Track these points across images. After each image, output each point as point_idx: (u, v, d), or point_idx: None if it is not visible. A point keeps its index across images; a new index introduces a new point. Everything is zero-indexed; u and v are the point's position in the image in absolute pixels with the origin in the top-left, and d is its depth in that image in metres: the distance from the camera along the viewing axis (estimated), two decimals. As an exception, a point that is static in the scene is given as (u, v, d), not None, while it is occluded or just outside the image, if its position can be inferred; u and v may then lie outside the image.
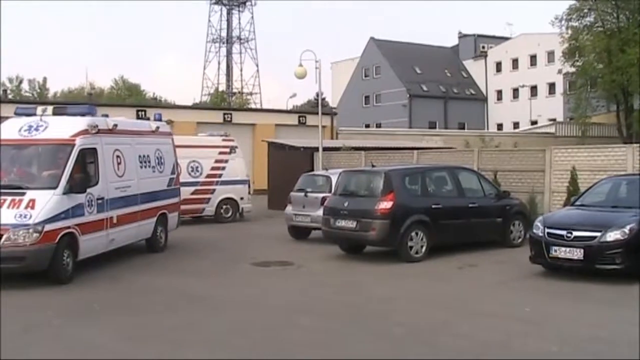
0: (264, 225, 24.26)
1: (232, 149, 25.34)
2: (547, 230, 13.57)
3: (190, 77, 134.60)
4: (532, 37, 75.35)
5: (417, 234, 15.80)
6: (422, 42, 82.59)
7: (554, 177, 21.45)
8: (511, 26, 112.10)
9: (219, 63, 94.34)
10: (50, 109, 14.77)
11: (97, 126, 14.60)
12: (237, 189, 25.13)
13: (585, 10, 47.44)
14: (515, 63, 78.84)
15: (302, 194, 19.52)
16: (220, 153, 24.94)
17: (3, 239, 12.44)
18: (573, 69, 49.94)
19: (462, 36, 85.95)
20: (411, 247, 15.73)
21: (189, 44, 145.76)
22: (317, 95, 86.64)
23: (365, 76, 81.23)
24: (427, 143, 38.50)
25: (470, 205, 16.93)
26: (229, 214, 24.90)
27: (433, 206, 16.16)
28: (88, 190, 13.88)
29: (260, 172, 37.65)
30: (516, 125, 75.13)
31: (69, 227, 13.25)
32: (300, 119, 42.80)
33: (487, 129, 73.98)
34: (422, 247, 15.88)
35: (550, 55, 73.79)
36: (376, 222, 15.56)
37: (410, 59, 78.58)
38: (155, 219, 17.01)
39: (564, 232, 13.24)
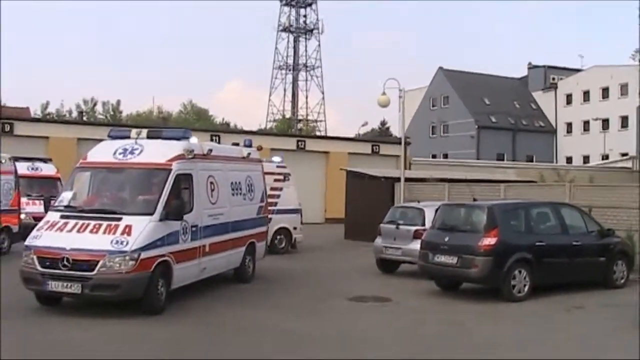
0: (345, 257, 23.52)
1: (286, 176, 24.09)
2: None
3: (254, 103, 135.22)
4: (604, 69, 73.85)
5: (520, 272, 14.98)
6: (490, 73, 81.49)
7: (651, 214, 20.36)
8: (582, 58, 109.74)
9: (284, 90, 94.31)
10: (144, 132, 14.31)
11: (193, 151, 14.12)
12: (291, 218, 24.03)
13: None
14: (586, 95, 77.29)
15: (394, 226, 18.78)
16: (275, 180, 23.46)
17: (99, 265, 11.99)
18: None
19: (531, 67, 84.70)
20: (514, 286, 14.90)
21: (254, 71, 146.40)
22: (382, 124, 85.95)
23: (433, 106, 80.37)
24: (500, 175, 37.45)
25: (574, 243, 16.01)
26: (283, 244, 23.71)
27: (537, 243, 15.31)
28: (183, 217, 13.33)
29: (332, 201, 37.23)
30: (586, 159, 73.53)
31: (163, 255, 12.74)
32: (374, 147, 42.25)
33: (556, 162, 72.52)
34: (524, 286, 15.03)
35: (624, 87, 72.30)
36: (479, 259, 14.76)
37: (479, 90, 77.57)
38: (244, 248, 16.45)
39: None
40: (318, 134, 74.04)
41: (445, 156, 70.77)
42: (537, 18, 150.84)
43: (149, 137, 14.20)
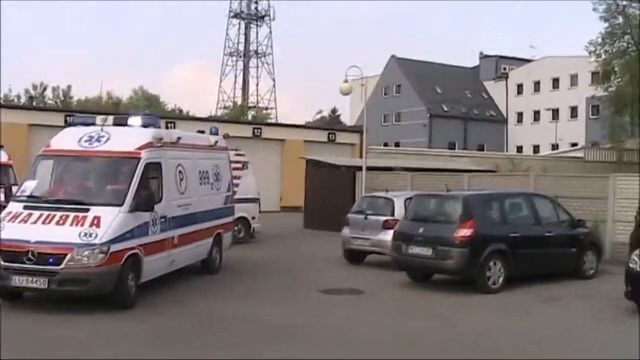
0: (308, 246, 23.10)
1: (245, 165, 23.40)
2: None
3: (203, 90, 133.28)
4: (555, 60, 74.57)
5: (495, 263, 14.76)
6: (442, 62, 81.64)
7: (618, 205, 20.30)
8: (533, 49, 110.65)
9: (235, 77, 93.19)
10: (110, 118, 13.68)
11: (162, 139, 13.55)
12: (250, 207, 23.15)
13: (619, 34, 46.53)
14: (537, 86, 78.05)
15: (362, 216, 18.39)
16: (234, 169, 22.83)
17: (66, 259, 11.36)
18: (602, 93, 48.88)
19: (483, 57, 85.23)
20: (489, 278, 14.69)
21: (203, 56, 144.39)
22: (333, 111, 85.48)
23: (385, 94, 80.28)
24: (456, 164, 37.33)
25: (547, 234, 15.85)
26: (241, 234, 22.72)
27: (511, 234, 15.11)
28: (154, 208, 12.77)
29: (289, 189, 36.74)
30: (536, 148, 74.21)
31: (133, 248, 12.16)
32: (330, 135, 41.80)
33: (507, 151, 72.98)
34: (499, 277, 14.82)
35: (574, 78, 73.16)
36: (455, 250, 14.48)
37: (431, 79, 77.74)
38: (212, 239, 15.93)
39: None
40: (270, 121, 73.48)
41: (397, 144, 70.67)
42: (489, 7, 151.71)
43: (115, 124, 13.58)
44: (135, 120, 13.65)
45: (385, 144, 70.38)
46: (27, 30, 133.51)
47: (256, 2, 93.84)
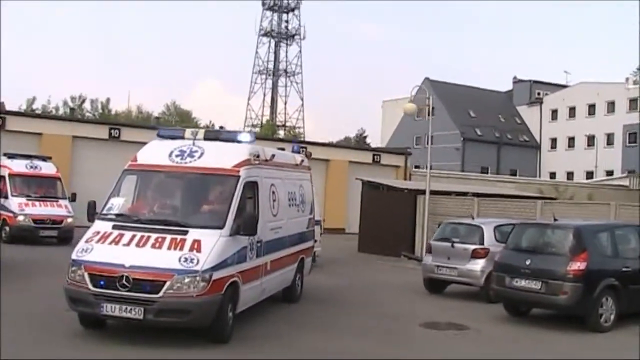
0: (375, 272, 22.05)
1: None
2: None
3: (228, 107, 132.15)
4: (591, 86, 73.29)
5: (607, 299, 13.55)
6: (476, 85, 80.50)
7: None
8: (568, 74, 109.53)
9: (264, 95, 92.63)
10: (201, 132, 12.55)
11: (259, 156, 12.43)
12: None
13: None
14: (572, 111, 76.63)
15: (448, 244, 17.16)
16: None
17: (165, 287, 10.16)
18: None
19: (517, 81, 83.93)
20: (601, 315, 13.48)
21: (230, 74, 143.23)
22: (359, 134, 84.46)
23: (418, 117, 78.98)
24: (499, 189, 36.14)
25: (656, 269, 14.57)
26: None
27: (623, 269, 13.87)
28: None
29: (331, 210, 35.56)
30: (570, 175, 72.83)
31: (233, 276, 10.98)
32: (375, 157, 40.79)
33: (539, 177, 71.67)
34: (611, 315, 13.62)
35: (610, 105, 71.87)
36: (567, 285, 13.25)
37: (465, 102, 76.51)
38: (296, 264, 14.80)
39: None
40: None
41: (430, 167, 69.43)
42: (523, 32, 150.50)
43: (206, 138, 12.43)
44: (244, 136, 12.65)
45: (417, 167, 69.32)
46: (55, 41, 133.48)
47: (287, 22, 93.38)
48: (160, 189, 12.21)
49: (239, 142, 12.51)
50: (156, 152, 12.28)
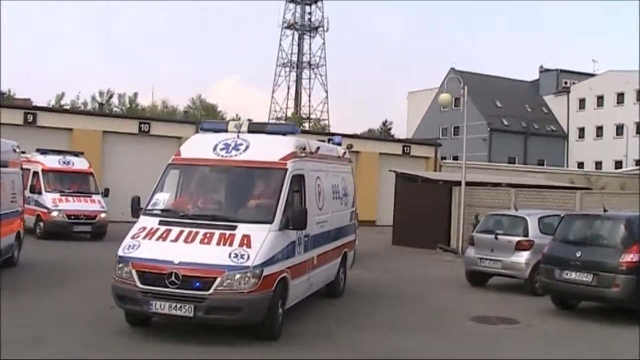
0: (413, 265, 21.73)
1: None
2: None
3: (251, 100, 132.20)
4: (619, 74, 72.38)
5: (658, 294, 13.14)
6: (502, 75, 79.83)
7: None
8: (596, 63, 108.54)
9: (288, 87, 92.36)
10: (245, 124, 12.29)
11: (305, 148, 12.19)
12: None
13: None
14: (600, 100, 75.81)
15: (491, 236, 16.83)
16: None
17: (216, 283, 9.91)
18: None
19: (543, 71, 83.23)
20: (654, 309, 13.06)
21: (254, 67, 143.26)
22: (384, 124, 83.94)
23: (444, 108, 78.49)
24: (530, 179, 35.72)
25: None
26: None
27: (673, 261, 13.46)
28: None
29: (363, 202, 35.11)
30: (598, 164, 72.03)
31: (283, 271, 10.75)
32: (405, 148, 40.45)
33: (567, 166, 70.99)
34: (664, 309, 13.19)
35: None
36: (620, 277, 12.89)
37: (491, 92, 75.88)
38: (339, 259, 14.56)
39: None
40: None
41: (456, 158, 68.94)
42: (549, 21, 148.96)
43: (249, 130, 12.17)
44: (290, 128, 12.57)
45: (443, 158, 68.82)
46: (76, 38, 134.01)
47: (310, 14, 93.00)
48: (205, 184, 11.98)
49: (283, 134, 12.27)
50: (200, 146, 12.06)
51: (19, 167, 17.69)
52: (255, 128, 12.31)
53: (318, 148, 13.11)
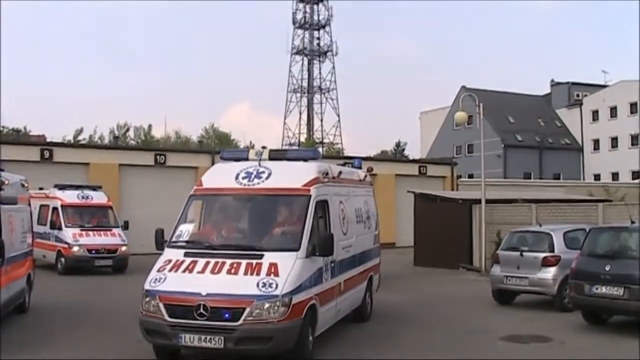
0: (438, 286, 21.55)
1: None
2: None
3: (266, 126, 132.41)
4: (632, 84, 71.84)
5: (691, 307, 12.95)
6: (513, 91, 79.70)
7: None
8: (606, 74, 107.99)
9: (300, 113, 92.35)
10: (266, 152, 12.22)
11: (327, 173, 12.10)
12: None
13: None
14: (613, 111, 75.31)
15: (517, 253, 16.67)
16: None
17: (245, 313, 9.80)
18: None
19: (554, 84, 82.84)
20: (687, 321, 12.89)
21: (264, 94, 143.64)
22: (397, 145, 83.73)
23: (457, 126, 78.32)
24: (548, 194, 35.45)
25: None
26: None
27: None
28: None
29: (382, 225, 34.74)
30: (615, 176, 71.52)
31: (311, 298, 10.63)
32: (421, 168, 40.32)
33: (583, 179, 70.51)
34: (697, 320, 13.00)
35: (653, 102, 70.59)
36: (652, 290, 12.70)
37: (503, 108, 75.55)
38: (365, 283, 14.42)
39: None
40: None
41: (471, 176, 68.69)
42: (558, 35, 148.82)
43: (270, 158, 12.10)
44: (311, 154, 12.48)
45: (459, 176, 68.60)
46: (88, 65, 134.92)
47: (318, 39, 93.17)
48: (229, 213, 11.90)
49: (305, 160, 12.20)
50: (222, 175, 12.01)
51: (27, 203, 16.45)
52: (277, 155, 12.25)
53: (340, 172, 13.03)
